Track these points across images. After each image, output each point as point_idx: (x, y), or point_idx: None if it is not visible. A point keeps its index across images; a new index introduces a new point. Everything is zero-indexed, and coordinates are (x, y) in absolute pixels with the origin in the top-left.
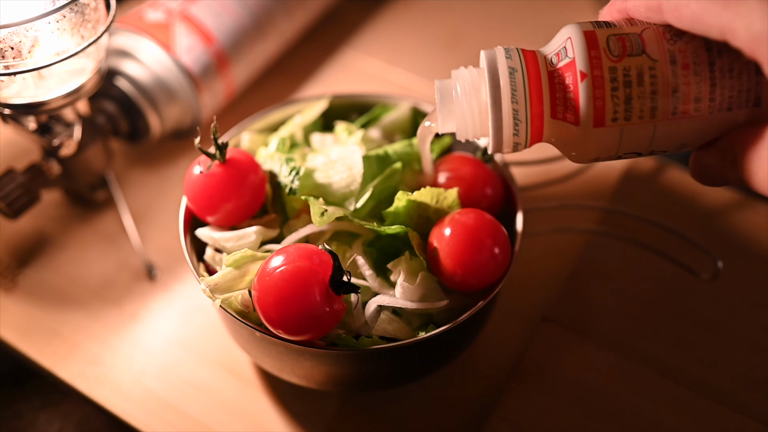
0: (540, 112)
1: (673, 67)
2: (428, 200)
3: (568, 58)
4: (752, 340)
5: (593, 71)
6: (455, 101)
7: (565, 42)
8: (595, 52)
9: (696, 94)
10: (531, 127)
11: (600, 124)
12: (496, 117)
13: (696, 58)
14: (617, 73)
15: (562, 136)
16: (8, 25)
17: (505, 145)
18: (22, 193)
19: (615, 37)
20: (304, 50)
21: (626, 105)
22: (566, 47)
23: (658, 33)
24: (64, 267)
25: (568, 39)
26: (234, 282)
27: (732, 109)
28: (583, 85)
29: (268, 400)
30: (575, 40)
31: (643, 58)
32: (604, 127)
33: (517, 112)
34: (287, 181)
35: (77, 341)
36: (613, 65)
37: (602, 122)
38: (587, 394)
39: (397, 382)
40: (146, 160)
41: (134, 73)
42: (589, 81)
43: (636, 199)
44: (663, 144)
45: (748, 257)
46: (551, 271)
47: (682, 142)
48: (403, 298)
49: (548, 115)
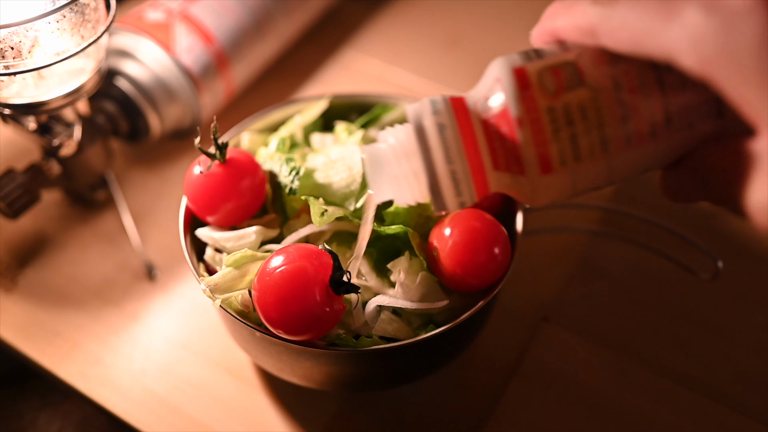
0: (480, 167)
1: (618, 94)
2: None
3: (499, 103)
4: (752, 340)
5: (530, 115)
6: (386, 165)
7: (494, 84)
8: (528, 93)
9: (649, 117)
10: (474, 184)
11: (548, 171)
12: (433, 181)
13: (642, 78)
14: (557, 113)
15: (511, 186)
16: (8, 25)
17: (449, 204)
18: (22, 193)
19: (548, 71)
20: (304, 50)
21: (573, 145)
22: (496, 90)
23: (596, 57)
24: (64, 267)
25: (496, 81)
26: (234, 282)
27: (693, 125)
28: (521, 133)
29: (268, 400)
30: (505, 81)
31: (583, 91)
32: (552, 173)
33: (455, 173)
34: (287, 181)
35: (77, 341)
36: (551, 105)
37: (549, 169)
38: (587, 394)
39: (397, 382)
40: (146, 160)
41: (134, 73)
42: (527, 127)
43: (636, 199)
44: (623, 173)
45: (748, 257)
46: (551, 271)
47: (644, 167)
48: (403, 298)
49: (490, 168)
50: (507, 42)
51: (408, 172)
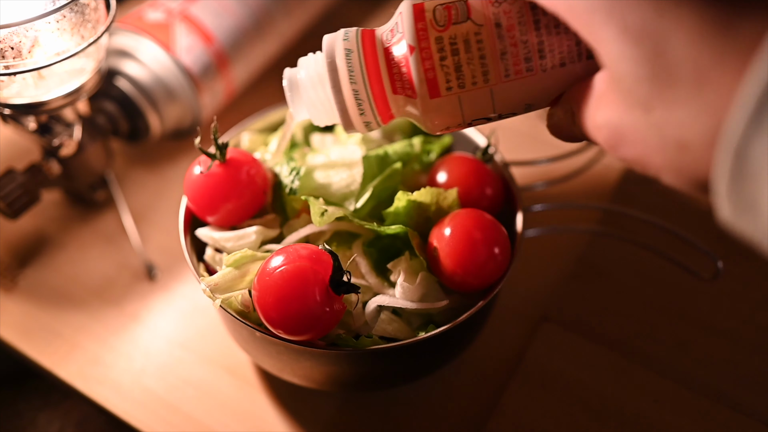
0: (381, 90)
1: (498, 30)
2: (428, 200)
3: (399, 33)
4: (752, 340)
5: (420, 43)
6: (302, 89)
7: (397, 18)
8: (421, 24)
9: (525, 54)
10: (376, 106)
11: (436, 95)
12: (339, 99)
13: (521, 18)
14: (444, 42)
15: (409, 110)
16: (8, 25)
17: (356, 125)
18: (22, 193)
19: (441, 7)
20: (304, 50)
21: (457, 73)
22: (398, 23)
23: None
24: (64, 267)
25: (399, 14)
26: (234, 282)
27: (566, 65)
28: (412, 58)
29: (268, 400)
30: (404, 14)
31: (468, 25)
32: (440, 97)
33: (357, 93)
34: (287, 181)
35: (77, 341)
36: (440, 35)
37: (437, 93)
38: (587, 394)
39: (397, 382)
40: (146, 160)
41: (134, 73)
42: (417, 53)
43: (636, 199)
44: (507, 106)
45: (748, 257)
46: (551, 271)
47: (525, 102)
48: (403, 298)
49: (390, 92)
50: None
51: (321, 93)
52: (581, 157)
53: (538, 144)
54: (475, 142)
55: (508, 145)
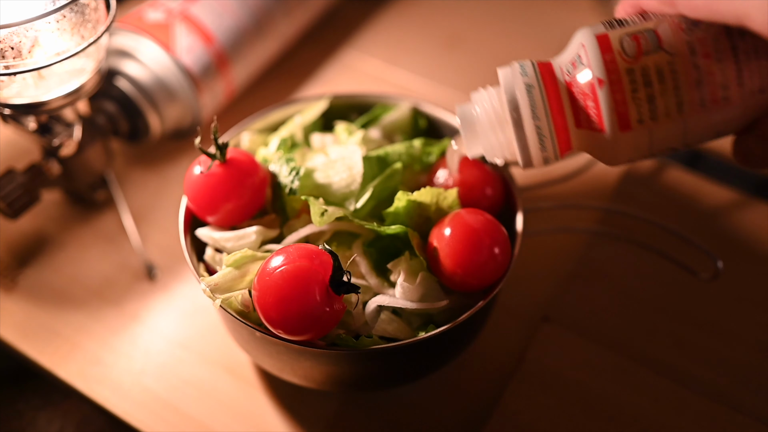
0: (564, 125)
1: (693, 58)
2: (428, 200)
3: (583, 65)
4: (752, 340)
5: (610, 76)
6: (478, 126)
7: (578, 49)
8: (609, 56)
9: (722, 81)
10: (558, 141)
11: (626, 128)
12: (520, 136)
13: (716, 45)
14: (635, 74)
15: (591, 144)
16: (8, 25)
17: (535, 161)
18: (22, 193)
19: (629, 37)
20: (304, 50)
21: (650, 105)
22: (580, 55)
23: (674, 25)
24: (64, 267)
25: (581, 46)
26: (234, 282)
27: (765, 91)
28: (602, 92)
29: (268, 400)
30: (588, 46)
31: (661, 55)
32: (630, 131)
33: (540, 129)
34: (287, 181)
35: (77, 341)
36: (630, 67)
37: (628, 126)
38: (587, 394)
39: (397, 382)
40: (146, 160)
41: (134, 73)
42: (607, 87)
43: (636, 199)
44: (698, 136)
45: (748, 257)
46: (551, 271)
47: (717, 131)
48: (403, 298)
49: (572, 126)
50: (507, 42)
51: (498, 130)
52: (581, 157)
53: None
54: None
55: None
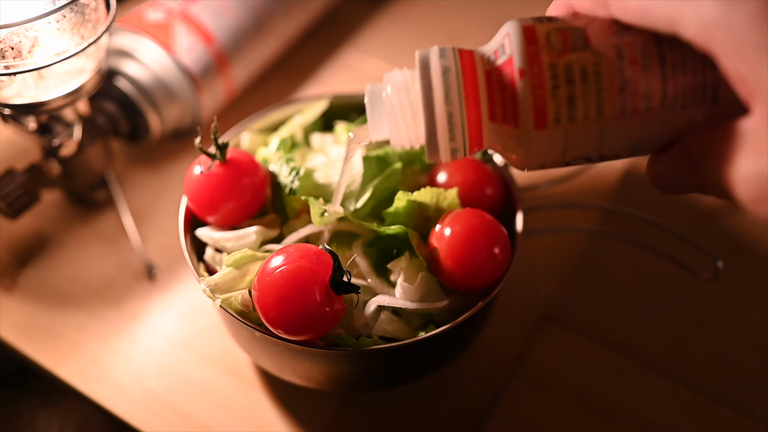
0: (477, 116)
1: (619, 62)
2: (428, 200)
3: (505, 55)
4: (752, 340)
5: (532, 68)
6: (387, 105)
7: (503, 39)
8: (533, 48)
9: (646, 91)
10: (468, 132)
11: (541, 126)
12: (429, 120)
13: (645, 52)
14: (558, 69)
15: (503, 140)
16: (8, 25)
17: (442, 150)
18: (22, 193)
19: (556, 32)
20: (304, 50)
21: (569, 105)
22: (504, 44)
23: (604, 27)
24: (64, 267)
25: (506, 35)
26: (234, 282)
27: (687, 108)
28: (521, 84)
29: (268, 400)
30: (513, 35)
31: (587, 54)
32: (545, 129)
33: (451, 115)
34: (287, 181)
35: (77, 341)
36: (554, 62)
37: (544, 124)
38: (587, 394)
39: (397, 382)
40: (146, 160)
41: (134, 73)
42: (527, 78)
43: (636, 199)
44: (613, 147)
45: (748, 257)
46: (551, 271)
47: (634, 145)
48: (403, 298)
49: (486, 118)
50: None
51: (407, 112)
52: None
53: None
54: None
55: None
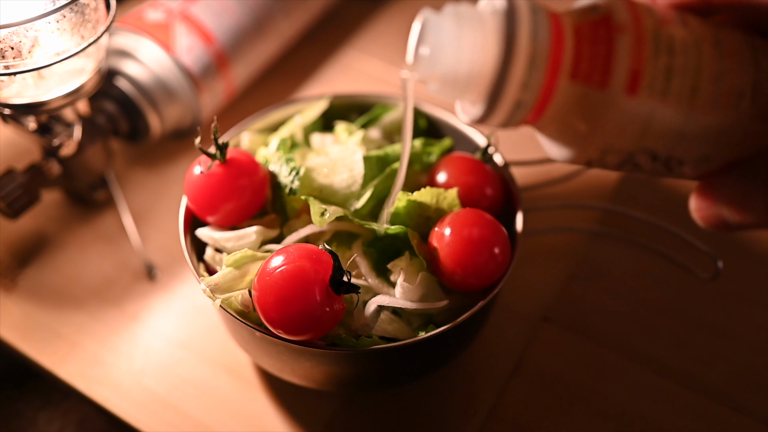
0: (557, 66)
1: (718, 51)
2: (428, 200)
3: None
4: (752, 340)
5: (635, 25)
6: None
7: None
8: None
9: (740, 89)
10: (544, 83)
11: (633, 91)
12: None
13: (741, 51)
14: (661, 36)
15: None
16: (8, 25)
17: (506, 99)
18: (22, 193)
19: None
20: (304, 50)
21: (666, 76)
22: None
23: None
24: (64, 267)
25: None
26: (234, 282)
27: None
28: (621, 40)
29: (268, 400)
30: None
31: (689, 31)
32: (635, 96)
33: (534, 57)
34: (287, 181)
35: (77, 341)
36: (657, 28)
37: (635, 88)
38: (587, 394)
39: (397, 382)
40: (146, 160)
41: (134, 73)
42: (629, 36)
43: (636, 199)
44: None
45: (748, 257)
46: (551, 271)
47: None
48: (403, 298)
49: (567, 72)
50: None
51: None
52: None
53: (538, 144)
54: (475, 142)
55: (508, 145)
